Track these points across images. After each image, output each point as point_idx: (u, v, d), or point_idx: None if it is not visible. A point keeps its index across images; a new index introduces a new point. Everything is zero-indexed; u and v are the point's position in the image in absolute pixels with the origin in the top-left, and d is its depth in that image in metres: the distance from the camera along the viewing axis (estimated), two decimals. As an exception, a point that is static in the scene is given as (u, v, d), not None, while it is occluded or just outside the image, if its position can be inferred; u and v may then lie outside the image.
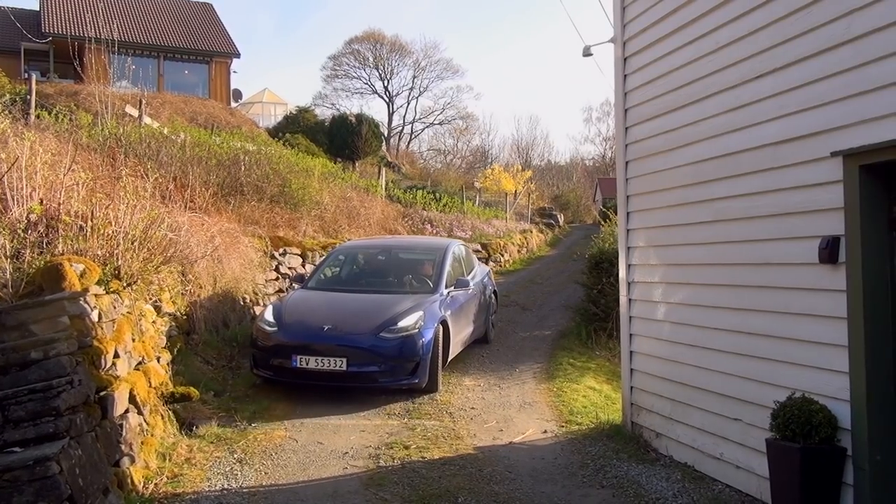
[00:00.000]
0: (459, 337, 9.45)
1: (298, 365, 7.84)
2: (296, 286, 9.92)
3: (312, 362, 7.82)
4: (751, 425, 5.13)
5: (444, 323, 8.62)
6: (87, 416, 4.32)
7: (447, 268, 9.67)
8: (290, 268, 12.26)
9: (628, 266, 6.78)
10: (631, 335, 6.80)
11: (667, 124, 6.07)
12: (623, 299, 6.88)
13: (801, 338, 4.62)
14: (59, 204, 6.46)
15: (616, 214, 14.42)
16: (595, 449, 6.50)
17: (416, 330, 8.06)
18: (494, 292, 12.03)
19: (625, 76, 6.73)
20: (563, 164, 70.18)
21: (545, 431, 7.17)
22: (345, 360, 7.77)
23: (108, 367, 5.12)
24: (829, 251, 4.35)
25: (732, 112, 5.24)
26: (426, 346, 8.06)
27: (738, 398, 5.27)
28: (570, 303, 15.01)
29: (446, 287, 9.31)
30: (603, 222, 14.26)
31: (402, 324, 8.07)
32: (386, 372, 7.88)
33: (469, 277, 10.11)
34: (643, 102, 6.44)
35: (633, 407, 6.80)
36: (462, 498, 5.31)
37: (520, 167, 35.12)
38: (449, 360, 9.08)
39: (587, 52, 7.37)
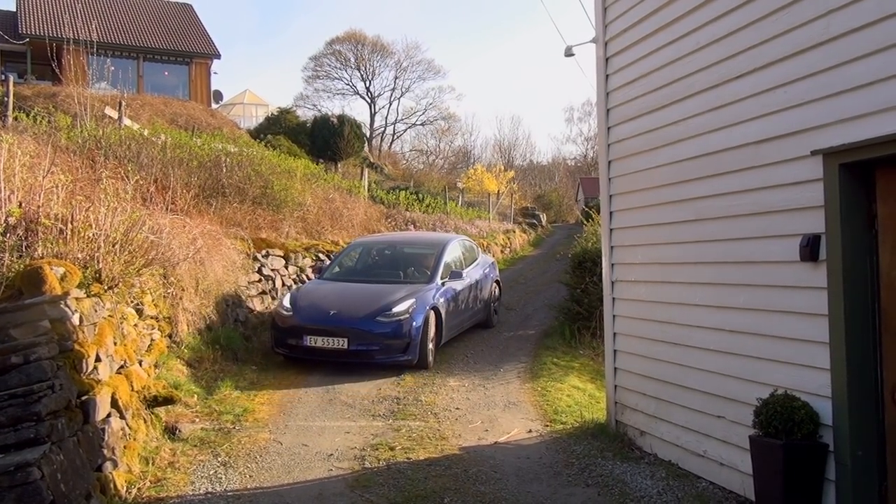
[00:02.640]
0: (453, 322, 10.67)
1: (309, 344, 9.24)
2: (315, 276, 11.52)
3: (320, 341, 9.20)
4: (734, 422, 5.17)
5: (435, 309, 9.87)
6: (68, 421, 4.27)
7: (443, 261, 10.92)
8: (272, 269, 12.19)
9: (612, 265, 6.81)
10: (615, 334, 6.83)
11: (649, 124, 6.10)
12: (607, 298, 6.92)
13: (783, 335, 4.67)
14: (39, 207, 6.39)
15: (599, 214, 14.59)
16: (580, 448, 6.52)
17: (408, 315, 9.31)
18: (497, 282, 13.18)
19: (607, 76, 6.76)
20: (546, 164, 70.49)
21: (530, 431, 7.19)
22: (346, 339, 9.12)
23: (89, 371, 5.07)
24: (809, 249, 4.39)
25: (713, 112, 5.27)
26: (416, 329, 9.32)
27: (722, 396, 5.31)
28: (553, 302, 15.05)
29: (441, 278, 10.54)
30: (585, 222, 14.31)
31: (395, 310, 9.35)
32: (381, 350, 9.20)
33: (465, 269, 11.37)
34: (625, 102, 6.47)
35: (618, 405, 6.83)
36: (448, 499, 5.31)
37: (502, 167, 35.21)
38: (444, 341, 10.33)
39: (569, 53, 7.41)
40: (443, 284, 10.46)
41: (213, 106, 31.36)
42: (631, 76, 6.35)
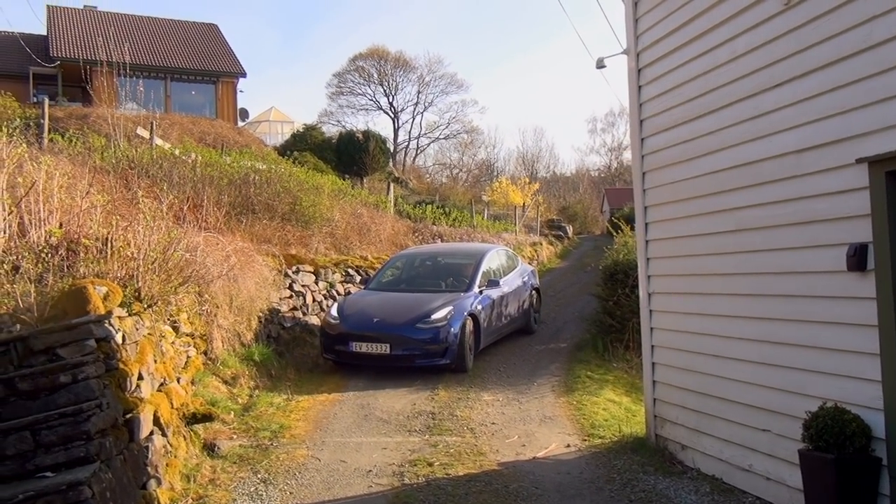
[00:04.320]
0: (491, 328, 11.15)
1: (354, 349, 9.90)
2: (360, 287, 12.50)
3: (364, 347, 9.85)
4: (780, 436, 5.08)
5: (473, 316, 10.41)
6: (115, 440, 4.31)
7: (481, 270, 11.46)
8: (303, 285, 12.24)
9: (648, 277, 6.76)
10: (652, 346, 6.76)
11: (684, 134, 6.06)
12: (644, 310, 6.85)
13: (830, 346, 4.59)
14: (79, 226, 6.49)
15: (629, 225, 14.50)
16: (620, 462, 6.45)
17: (446, 322, 9.89)
18: (537, 289, 13.73)
19: (639, 87, 6.73)
20: (569, 175, 70.33)
21: (568, 446, 7.12)
22: (389, 345, 9.76)
23: (132, 389, 5.12)
24: (856, 259, 4.32)
25: (752, 121, 5.23)
26: (454, 335, 9.88)
27: (766, 408, 5.23)
28: (584, 314, 14.96)
29: (479, 287, 11.08)
30: (615, 233, 14.21)
31: (434, 317, 9.94)
32: (421, 355, 9.80)
33: (503, 278, 11.90)
34: (659, 113, 6.43)
35: (657, 419, 6.75)
36: (490, 515, 5.27)
37: (527, 179, 35.14)
38: (482, 346, 10.79)
39: (601, 65, 7.40)
40: (480, 292, 10.97)
41: (240, 124, 31.72)
42: (664, 86, 6.32)
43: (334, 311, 10.58)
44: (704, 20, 5.77)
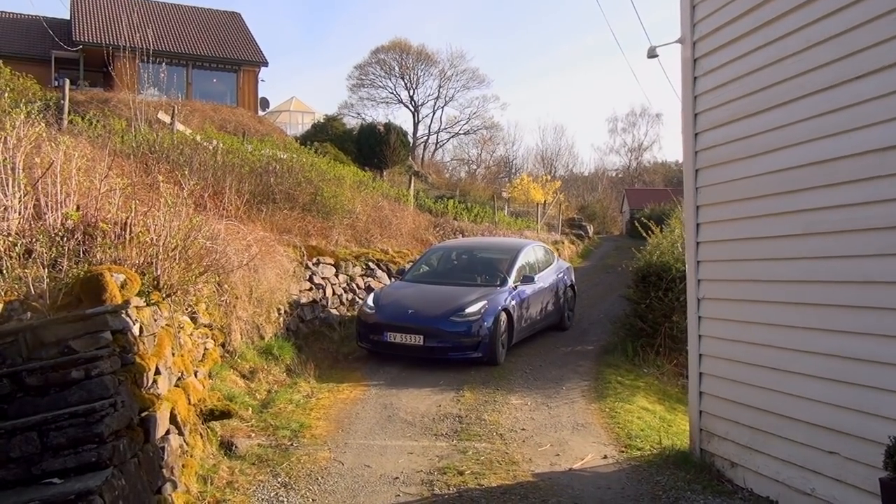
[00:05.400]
0: (524, 323, 11.20)
1: (389, 339, 10.05)
2: (396, 278, 12.50)
3: (399, 337, 9.99)
4: (850, 460, 4.66)
5: (506, 311, 10.45)
6: (129, 442, 3.95)
7: (517, 265, 11.48)
8: (323, 278, 11.91)
9: (698, 281, 6.33)
10: (700, 355, 6.33)
11: (745, 129, 5.62)
12: (692, 317, 6.43)
13: (917, 365, 4.16)
14: (97, 210, 6.16)
15: (658, 226, 14.04)
16: (664, 478, 6.03)
17: (479, 316, 9.98)
18: (572, 286, 13.73)
19: (694, 79, 6.30)
20: (587, 174, 69.77)
21: (605, 457, 6.72)
22: (422, 336, 9.88)
23: (149, 385, 4.77)
24: (952, 269, 3.89)
25: (826, 116, 4.79)
26: (487, 329, 9.96)
27: (833, 429, 4.80)
28: (609, 316, 14.56)
29: (514, 282, 11.09)
30: (646, 234, 13.76)
31: (468, 311, 10.04)
32: (453, 347, 9.87)
33: (538, 274, 11.88)
34: (716, 106, 6.00)
35: (703, 433, 6.32)
36: (529, 533, 4.88)
37: (548, 177, 34.66)
38: (515, 341, 10.84)
39: (652, 54, 6.99)
40: (515, 288, 11.00)
41: (260, 113, 31.47)
42: (724, 78, 5.88)
43: (370, 301, 10.69)
44: (772, 6, 5.32)
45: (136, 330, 4.72)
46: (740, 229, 5.74)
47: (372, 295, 11.11)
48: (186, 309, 7.11)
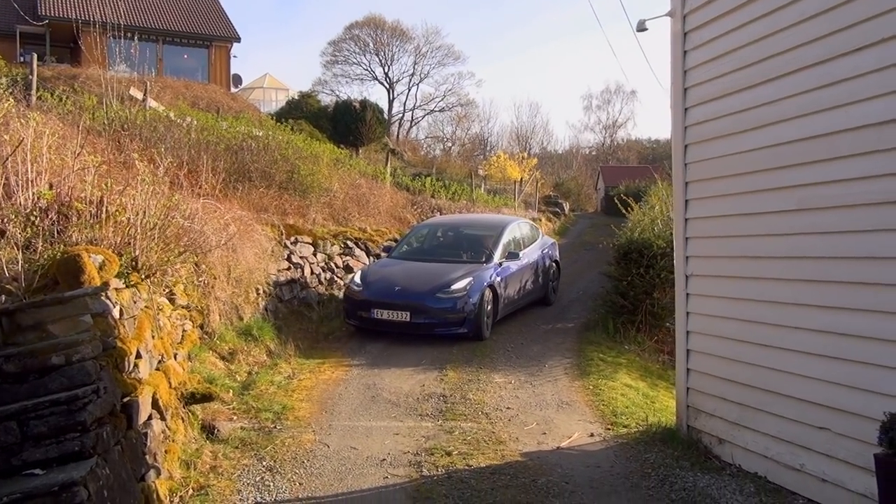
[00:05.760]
0: (510, 299, 11.34)
1: (376, 316, 10.14)
2: (383, 255, 12.47)
3: (386, 314, 10.08)
4: (841, 435, 4.65)
5: (491, 287, 10.59)
6: (113, 429, 3.81)
7: (502, 242, 11.57)
8: (301, 257, 11.74)
9: (686, 258, 6.27)
10: (688, 332, 6.30)
11: (737, 104, 5.54)
12: (679, 294, 6.38)
13: (914, 341, 4.13)
14: (70, 189, 5.94)
15: (637, 203, 14.03)
16: (652, 456, 6.01)
17: (465, 292, 10.11)
18: (556, 262, 13.82)
19: (684, 52, 6.20)
20: (562, 152, 69.79)
21: (592, 435, 6.69)
22: (409, 313, 9.99)
23: (130, 369, 4.61)
24: (952, 244, 3.86)
25: (822, 90, 4.71)
26: (473, 305, 10.10)
27: (825, 405, 4.78)
28: (588, 293, 14.57)
29: (499, 259, 11.19)
30: (626, 211, 13.74)
31: (454, 287, 10.17)
32: (440, 323, 10.01)
33: (523, 250, 11.96)
34: (707, 81, 5.91)
35: (690, 410, 6.31)
36: (522, 514, 4.83)
37: (525, 155, 34.56)
38: (500, 316, 10.98)
39: (641, 27, 6.89)
40: (500, 264, 11.11)
41: (233, 90, 30.92)
42: (715, 52, 5.79)
43: (357, 279, 10.81)
44: (765, -22, 5.23)
45: (116, 313, 4.55)
46: (731, 205, 5.69)
47: (359, 272, 11.23)
48: (164, 290, 6.93)
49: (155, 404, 5.03)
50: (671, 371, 9.69)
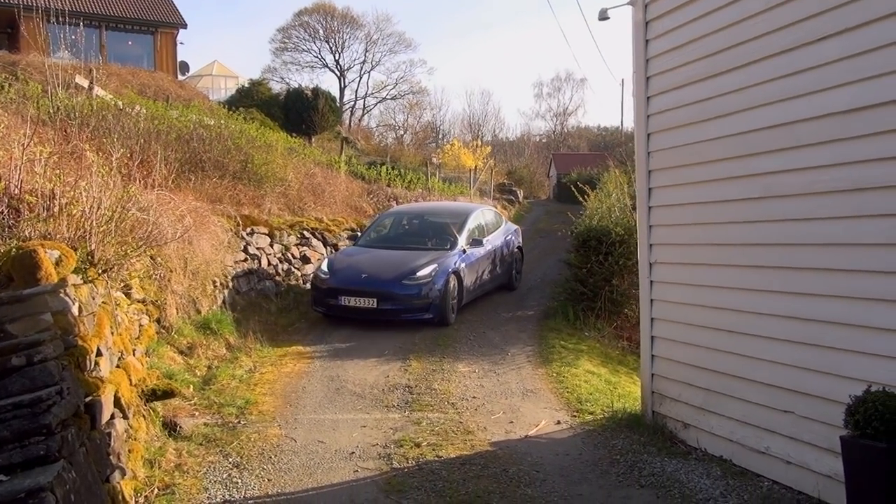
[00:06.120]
0: (474, 285, 11.61)
1: (343, 303, 10.32)
2: (349, 243, 13.16)
3: (353, 301, 10.26)
4: (806, 418, 4.75)
5: (456, 273, 10.82)
6: (77, 430, 3.67)
7: (466, 229, 11.83)
8: (258, 248, 11.55)
9: (650, 245, 6.33)
10: (652, 319, 6.37)
11: (701, 93, 5.59)
12: (643, 281, 6.44)
13: (878, 326, 4.21)
14: (20, 181, 5.70)
15: (593, 191, 14.14)
16: (619, 442, 6.07)
17: (430, 279, 10.34)
18: (520, 248, 14.08)
19: (646, 41, 6.23)
20: (514, 139, 70.02)
21: (558, 422, 6.73)
22: (376, 300, 10.19)
23: (92, 368, 4.45)
24: (915, 231, 3.95)
25: (788, 78, 4.77)
26: (437, 291, 10.35)
27: (790, 389, 4.88)
28: (547, 280, 14.67)
29: (463, 245, 11.42)
30: (582, 199, 13.84)
31: (419, 274, 10.37)
32: (405, 309, 10.24)
33: (487, 237, 12.23)
34: (670, 70, 5.95)
35: (655, 395, 6.38)
36: (495, 504, 4.82)
37: (478, 143, 34.56)
38: (465, 301, 11.23)
39: (603, 16, 6.87)
40: (464, 251, 11.36)
41: (181, 77, 30.17)
42: (678, 40, 5.82)
43: (325, 267, 10.94)
44: (728, -33, 5.27)
45: (75, 310, 4.38)
46: (695, 193, 5.75)
47: (326, 260, 11.39)
48: (120, 284, 6.73)
49: (117, 403, 4.87)
50: (631, 357, 9.84)
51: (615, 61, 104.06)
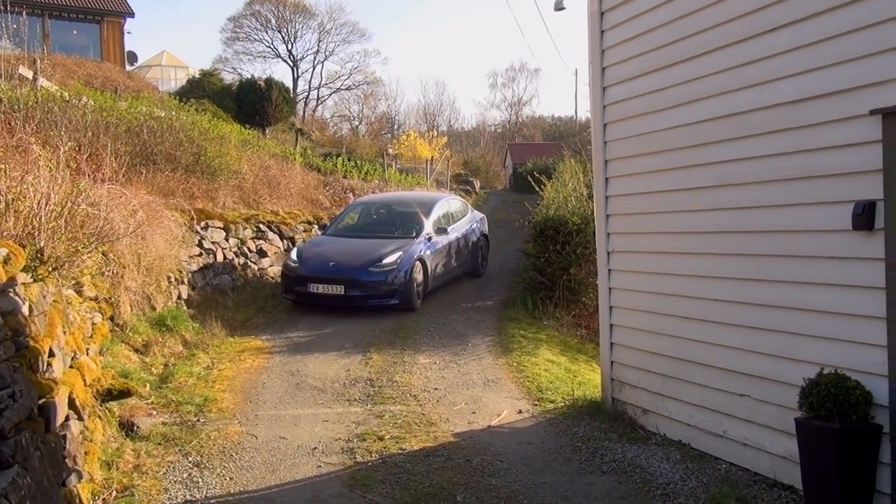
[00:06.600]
0: (440, 271, 11.95)
1: (312, 290, 10.67)
2: (319, 232, 13.29)
3: (322, 288, 10.61)
4: (762, 401, 4.86)
5: (421, 260, 11.17)
6: (31, 434, 3.56)
7: (432, 218, 12.17)
8: (213, 242, 11.37)
9: (608, 234, 6.41)
10: (611, 307, 6.45)
11: (656, 83, 5.66)
12: (602, 270, 6.52)
13: (829, 310, 4.33)
14: (-37, 177, 5.51)
15: (550, 180, 14.23)
16: (580, 429, 6.14)
17: (396, 266, 10.69)
18: (485, 235, 14.43)
19: (602, 32, 6.28)
20: (470, 129, 70.03)
21: (520, 412, 6.78)
22: (343, 286, 10.54)
23: (44, 369, 4.32)
24: (864, 217, 4.05)
25: (740, 68, 4.86)
26: (403, 277, 10.70)
27: (746, 373, 4.99)
28: (505, 270, 14.74)
29: (428, 233, 11.75)
30: (539, 189, 13.93)
31: (385, 261, 10.70)
32: (372, 296, 10.62)
33: (452, 225, 12.58)
34: (625, 60, 6.01)
35: (615, 382, 6.47)
36: (460, 496, 4.82)
37: (434, 133, 34.50)
38: (431, 287, 11.55)
39: (559, 7, 6.87)
40: (429, 239, 11.68)
41: (129, 67, 29.44)
42: (633, 31, 5.88)
43: (294, 256, 11.28)
44: (681, -42, 5.33)
45: (25, 310, 4.25)
46: (651, 182, 5.82)
47: (295, 250, 11.73)
48: (71, 281, 6.56)
49: (72, 404, 4.75)
50: (590, 345, 9.96)
51: (569, 51, 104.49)
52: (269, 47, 51.92)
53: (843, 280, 4.25)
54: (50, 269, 5.54)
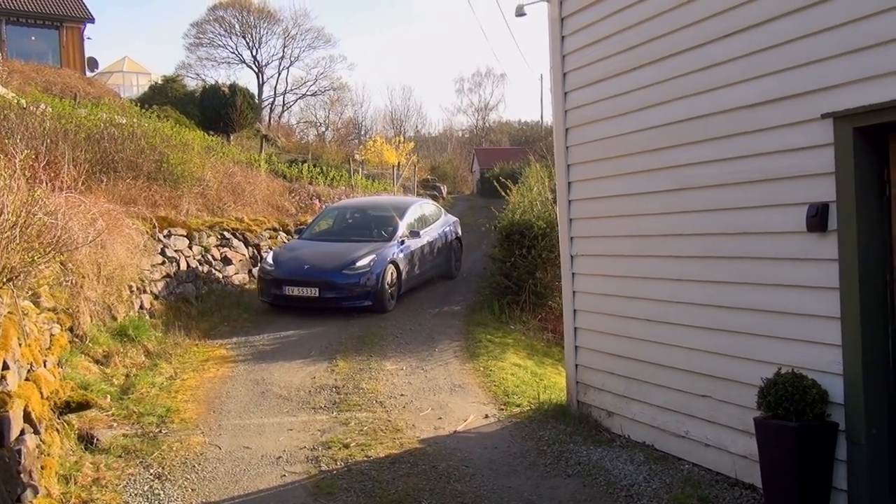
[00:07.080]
0: (412, 273, 12.23)
1: (287, 293, 10.94)
2: (295, 236, 13.84)
3: (296, 290, 10.89)
4: (722, 402, 4.93)
5: (394, 263, 11.45)
6: (-17, 450, 3.48)
7: (405, 222, 12.43)
8: (176, 250, 11.22)
9: (571, 238, 6.45)
10: (575, 311, 6.49)
11: (616, 88, 5.72)
12: (566, 273, 6.56)
13: (785, 310, 4.41)
14: (-88, 187, 5.38)
15: (515, 185, 14.30)
16: (546, 433, 6.16)
17: (369, 269, 10.97)
18: (459, 238, 14.62)
19: (562, 37, 6.32)
20: (437, 135, 70.05)
21: (487, 416, 6.79)
22: (318, 289, 10.84)
23: (-2, 382, 4.23)
24: (818, 219, 4.13)
25: (699, 73, 4.92)
26: (376, 280, 10.98)
27: (707, 374, 5.05)
28: (472, 274, 14.74)
29: (401, 237, 12.02)
30: (505, 194, 13.98)
31: (358, 264, 10.99)
32: (346, 297, 10.90)
33: (425, 229, 12.88)
34: (586, 65, 6.06)
35: (580, 385, 6.51)
36: (426, 502, 4.81)
37: (401, 139, 34.48)
38: (404, 289, 11.87)
39: (520, 13, 6.95)
40: (402, 242, 11.95)
41: (89, 74, 28.98)
42: (594, 36, 5.93)
43: (270, 259, 11.54)
44: (640, -35, 5.39)
45: (-23, 322, 4.16)
46: (613, 186, 5.87)
47: (271, 253, 12.02)
48: (28, 292, 6.43)
49: (27, 417, 4.64)
50: (556, 348, 10.00)
51: (534, 56, 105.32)
52: (234, 53, 51.51)
53: (799, 281, 4.32)
54: (4, 280, 5.43)
